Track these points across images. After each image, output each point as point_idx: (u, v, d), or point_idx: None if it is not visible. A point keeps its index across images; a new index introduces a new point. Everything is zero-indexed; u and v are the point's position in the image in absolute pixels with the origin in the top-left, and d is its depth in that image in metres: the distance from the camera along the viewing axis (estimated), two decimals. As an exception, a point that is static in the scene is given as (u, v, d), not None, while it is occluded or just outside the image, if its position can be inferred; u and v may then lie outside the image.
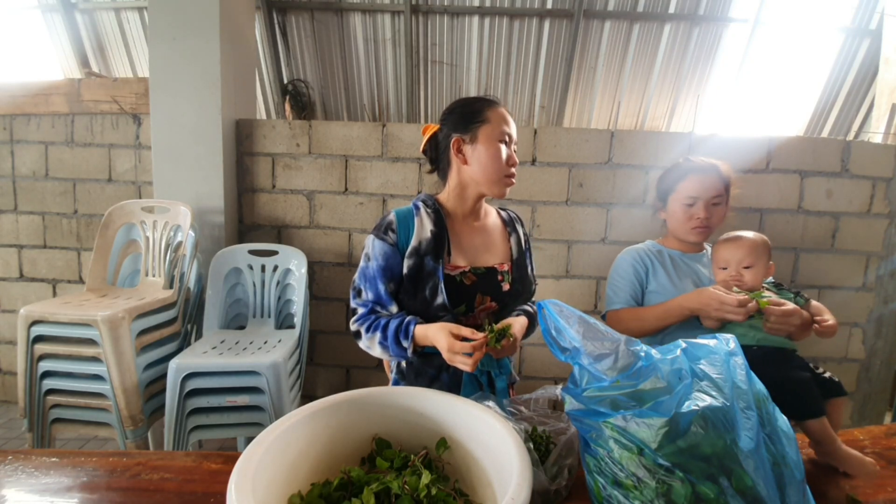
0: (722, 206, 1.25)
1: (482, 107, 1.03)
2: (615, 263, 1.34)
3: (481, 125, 1.01)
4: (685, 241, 1.29)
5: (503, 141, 1.02)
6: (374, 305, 1.02)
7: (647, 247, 1.33)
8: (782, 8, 3.24)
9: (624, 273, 1.28)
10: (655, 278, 1.25)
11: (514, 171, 1.05)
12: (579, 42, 3.32)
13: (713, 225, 1.25)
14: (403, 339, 0.96)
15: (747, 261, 1.09)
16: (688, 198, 1.24)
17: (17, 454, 0.80)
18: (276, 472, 0.59)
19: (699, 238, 1.26)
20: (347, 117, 3.76)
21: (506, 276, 1.08)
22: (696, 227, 1.24)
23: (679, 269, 1.27)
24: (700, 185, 1.23)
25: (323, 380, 2.36)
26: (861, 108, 3.52)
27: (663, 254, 1.29)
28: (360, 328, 1.02)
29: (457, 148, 1.03)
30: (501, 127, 1.02)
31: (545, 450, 0.76)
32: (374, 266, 1.01)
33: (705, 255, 1.32)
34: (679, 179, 1.27)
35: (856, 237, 2.18)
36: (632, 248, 1.34)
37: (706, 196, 1.22)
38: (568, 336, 0.66)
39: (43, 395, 1.67)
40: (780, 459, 0.58)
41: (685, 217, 1.25)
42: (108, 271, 2.00)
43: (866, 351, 2.26)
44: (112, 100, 2.36)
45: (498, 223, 1.16)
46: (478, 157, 1.02)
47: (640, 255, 1.29)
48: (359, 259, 2.33)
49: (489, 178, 1.02)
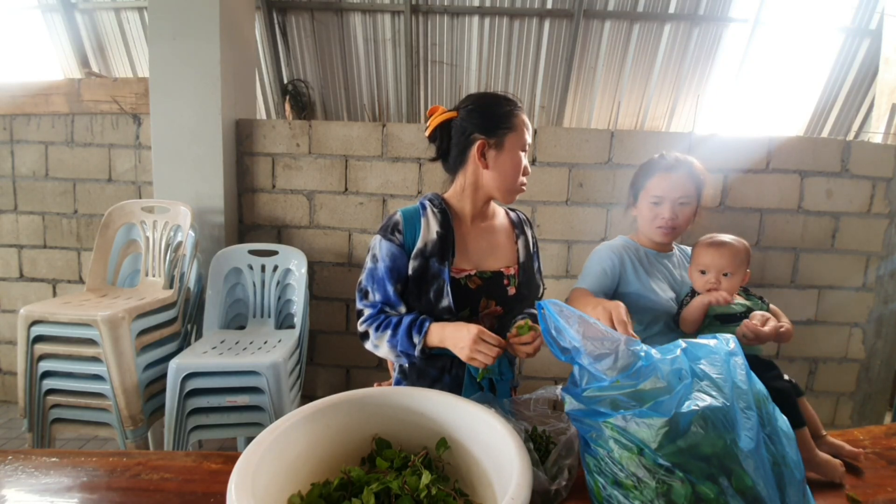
0: (690, 206, 1.20)
1: (511, 111, 1.00)
2: (592, 254, 1.29)
3: (508, 132, 0.99)
4: (651, 240, 1.26)
5: (524, 150, 1.01)
6: (382, 306, 1.01)
7: (623, 243, 1.29)
8: (782, 8, 3.24)
9: (598, 262, 1.24)
10: (634, 273, 1.22)
11: (525, 180, 1.04)
12: (579, 42, 3.31)
13: (679, 226, 1.21)
14: (416, 335, 0.95)
15: (728, 268, 1.07)
16: (654, 196, 1.20)
17: (17, 454, 0.80)
18: (276, 472, 0.59)
19: (664, 238, 1.23)
20: (347, 117, 3.76)
21: (511, 280, 1.06)
22: (661, 226, 1.20)
23: (654, 266, 1.25)
24: (667, 184, 1.19)
25: (323, 380, 2.36)
26: (861, 108, 3.52)
27: (639, 251, 1.26)
28: (368, 328, 1.01)
29: (480, 151, 1.00)
30: (524, 137, 1.00)
31: (545, 450, 0.76)
32: (383, 267, 1.00)
33: (674, 255, 1.29)
34: (648, 176, 1.23)
35: (856, 237, 2.18)
36: (608, 243, 1.30)
37: (673, 196, 1.18)
38: (568, 336, 0.66)
39: (43, 395, 1.67)
40: (780, 459, 0.58)
41: (651, 216, 1.22)
42: (108, 271, 2.00)
43: (866, 351, 2.26)
44: (112, 100, 2.36)
45: (506, 224, 1.14)
46: (500, 165, 1.00)
47: (617, 251, 1.25)
48: (359, 259, 2.34)
49: (506, 187, 1.02)
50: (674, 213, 1.19)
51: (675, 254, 1.31)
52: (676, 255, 1.31)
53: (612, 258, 1.23)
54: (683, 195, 1.19)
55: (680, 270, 1.27)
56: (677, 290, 1.23)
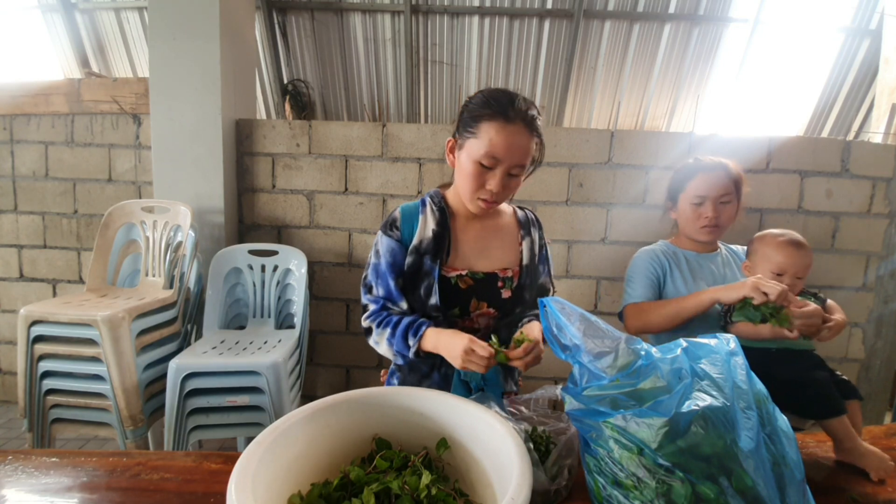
0: (732, 204, 1.24)
1: (483, 116, 0.90)
2: (632, 262, 1.31)
3: (470, 137, 0.92)
4: (696, 240, 1.28)
5: (484, 164, 0.91)
6: (385, 302, 1.01)
7: (662, 247, 1.31)
8: (782, 8, 3.24)
9: (642, 270, 1.26)
10: (672, 280, 1.24)
11: (490, 198, 0.94)
12: (579, 42, 3.32)
13: (723, 224, 1.23)
14: (412, 338, 0.95)
15: (804, 273, 1.03)
16: (696, 196, 1.23)
17: (17, 454, 0.80)
18: (276, 472, 0.59)
19: (709, 237, 1.25)
20: (347, 117, 3.76)
21: (507, 283, 1.03)
22: (705, 226, 1.22)
23: (694, 270, 1.25)
24: (708, 184, 1.22)
25: (323, 380, 2.36)
26: (861, 108, 3.52)
27: (678, 255, 1.28)
28: (371, 324, 1.01)
29: (450, 148, 1.00)
30: (489, 149, 0.89)
31: (545, 450, 0.76)
32: (384, 262, 1.01)
33: (719, 255, 1.30)
34: (688, 178, 1.25)
35: (856, 237, 2.18)
36: (647, 248, 1.32)
37: (714, 194, 1.21)
38: (569, 333, 0.66)
39: (43, 395, 1.67)
40: (780, 459, 0.58)
41: (694, 216, 1.24)
42: (108, 271, 2.00)
43: (866, 351, 2.26)
44: (112, 100, 2.36)
45: (511, 224, 1.10)
46: (458, 167, 0.97)
47: (656, 255, 1.27)
48: (359, 259, 2.34)
49: (462, 193, 0.98)
50: (717, 211, 1.21)
51: (722, 252, 1.31)
52: (723, 253, 1.31)
53: (652, 263, 1.26)
54: (725, 193, 1.22)
55: (726, 270, 1.27)
56: None
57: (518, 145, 0.90)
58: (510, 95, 0.93)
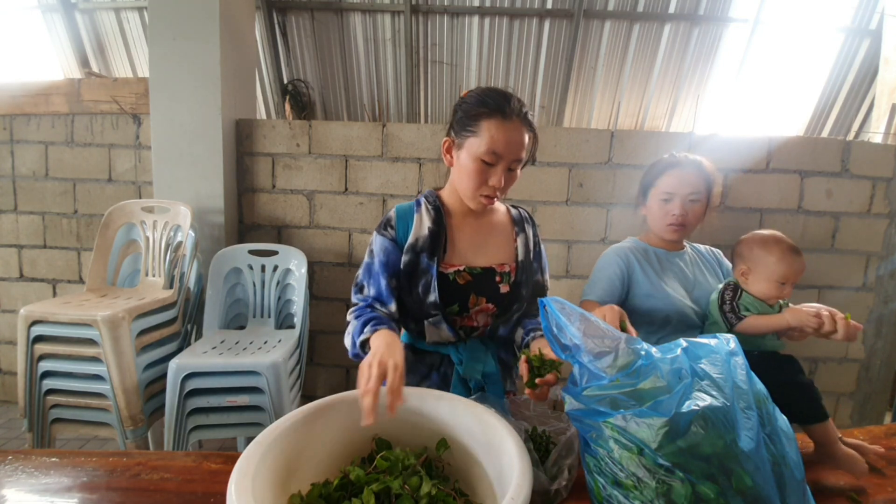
0: (700, 203, 1.21)
1: (481, 115, 0.92)
2: (599, 260, 1.29)
3: (470, 136, 0.93)
4: (662, 238, 1.26)
5: (486, 161, 0.92)
6: (373, 302, 1.00)
7: (632, 245, 1.29)
8: (782, 8, 3.24)
9: (606, 271, 1.24)
10: (646, 277, 1.21)
11: (493, 193, 0.96)
12: (579, 42, 3.31)
13: (689, 223, 1.21)
14: (369, 327, 0.89)
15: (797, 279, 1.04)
16: (665, 193, 1.21)
17: (17, 454, 0.80)
18: (276, 472, 0.59)
19: (674, 236, 1.23)
20: (347, 117, 3.76)
21: (505, 278, 1.04)
22: (671, 223, 1.20)
23: (664, 267, 1.24)
24: (677, 181, 1.20)
25: (323, 380, 2.36)
26: (861, 108, 3.52)
27: (648, 252, 1.26)
28: (349, 317, 0.99)
29: (446, 148, 1.01)
30: (489, 146, 0.91)
31: (545, 450, 0.76)
32: (377, 262, 1.01)
33: (686, 253, 1.29)
34: (659, 174, 1.24)
35: (856, 237, 2.18)
36: (616, 246, 1.30)
37: (683, 192, 1.19)
38: (569, 333, 0.66)
39: (43, 395, 1.67)
40: (780, 459, 0.58)
41: (661, 213, 1.22)
42: (108, 271, 2.00)
43: (866, 351, 2.26)
44: (112, 100, 2.36)
45: (505, 221, 1.11)
46: (458, 168, 0.98)
47: (624, 254, 1.25)
48: (359, 259, 2.34)
49: (463, 192, 0.99)
50: (684, 209, 1.19)
51: (688, 252, 1.30)
52: (689, 253, 1.30)
53: (618, 263, 1.23)
54: (693, 192, 1.19)
55: (693, 269, 1.26)
56: (689, 289, 1.22)
57: (516, 140, 0.93)
58: (504, 93, 0.95)
